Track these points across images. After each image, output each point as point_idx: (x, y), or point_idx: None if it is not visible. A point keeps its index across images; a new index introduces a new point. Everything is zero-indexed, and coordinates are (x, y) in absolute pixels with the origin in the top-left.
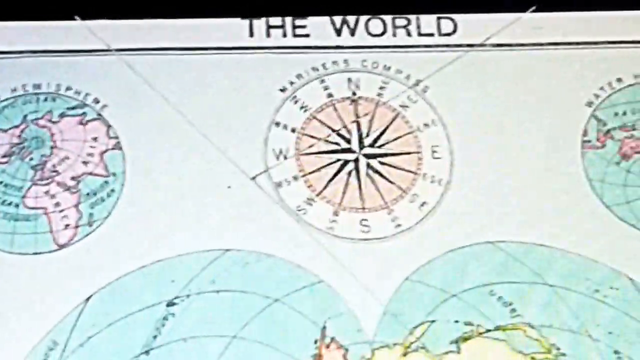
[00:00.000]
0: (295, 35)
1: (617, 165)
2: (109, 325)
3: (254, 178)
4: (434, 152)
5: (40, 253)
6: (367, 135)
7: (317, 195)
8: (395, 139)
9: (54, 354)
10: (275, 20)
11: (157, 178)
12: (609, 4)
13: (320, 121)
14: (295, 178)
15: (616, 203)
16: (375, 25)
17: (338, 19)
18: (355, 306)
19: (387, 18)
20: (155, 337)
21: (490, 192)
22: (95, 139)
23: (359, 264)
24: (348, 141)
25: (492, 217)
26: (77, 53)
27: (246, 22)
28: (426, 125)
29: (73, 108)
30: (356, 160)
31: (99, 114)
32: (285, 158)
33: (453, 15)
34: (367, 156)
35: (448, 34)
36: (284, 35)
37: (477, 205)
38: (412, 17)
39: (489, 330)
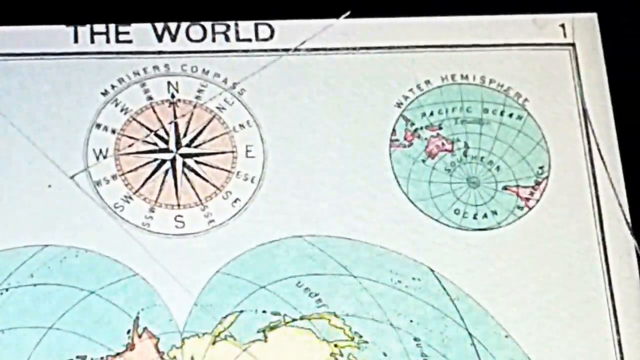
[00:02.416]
0: (118, 41)
1: (423, 162)
2: None
3: (73, 177)
4: (248, 151)
5: None
6: (185, 135)
7: (135, 193)
8: (211, 139)
9: None
10: (99, 27)
11: None
12: (418, 11)
13: (139, 123)
14: (114, 177)
15: (421, 198)
16: (196, 31)
17: (160, 26)
18: (168, 298)
19: (207, 24)
20: None
21: (301, 189)
22: None
23: (173, 258)
24: (166, 141)
25: (301, 212)
26: None
27: (71, 28)
28: (241, 126)
29: None
30: (173, 160)
31: None
32: (105, 158)
33: (271, 22)
34: (184, 155)
35: (265, 39)
36: (108, 41)
37: (287, 201)
38: (231, 23)
39: (295, 320)
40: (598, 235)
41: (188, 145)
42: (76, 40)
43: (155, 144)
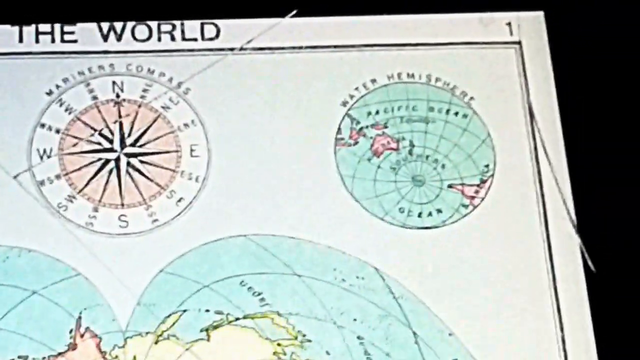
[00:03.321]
0: (63, 41)
1: (368, 161)
2: None
3: (16, 177)
4: (192, 150)
5: None
6: (129, 135)
7: (78, 192)
8: (156, 139)
9: None
10: (44, 27)
11: None
12: (364, 10)
13: (84, 122)
14: (57, 177)
15: (366, 197)
16: (141, 30)
17: (105, 25)
18: (111, 298)
19: (153, 24)
20: None
21: (246, 188)
22: None
23: (116, 257)
24: (110, 141)
25: (246, 211)
26: None
27: (16, 28)
28: (186, 125)
29: None
30: (117, 159)
31: None
32: (49, 157)
33: (216, 21)
34: (128, 155)
35: (211, 39)
36: (53, 41)
37: (232, 200)
38: (177, 22)
39: (238, 319)
40: (543, 233)
41: (132, 145)
42: (21, 40)
43: (99, 143)
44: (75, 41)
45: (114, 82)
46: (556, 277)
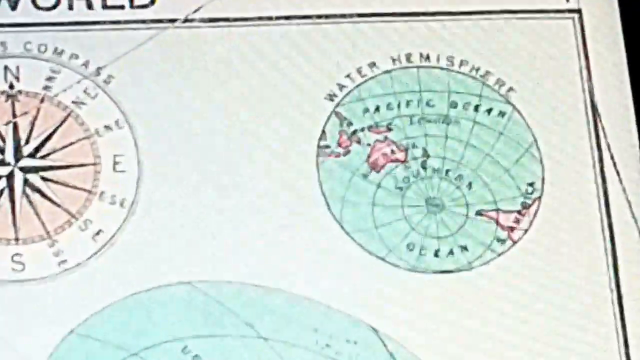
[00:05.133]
0: None
1: (364, 178)
2: None
3: None
4: (116, 163)
5: None
6: (27, 141)
7: None
8: (65, 147)
9: None
10: None
11: None
12: None
13: None
14: None
15: (360, 228)
16: None
17: None
18: None
19: None
20: None
21: (189, 217)
22: None
23: (10, 312)
24: (1, 150)
25: (190, 249)
26: None
27: None
28: (108, 127)
29: None
30: (10, 176)
31: None
32: None
33: None
34: (25, 170)
35: (143, 6)
36: None
37: (170, 233)
38: None
39: None
40: (611, 279)
41: (32, 156)
42: None
43: None
44: None
45: (6, 68)
46: (628, 337)
